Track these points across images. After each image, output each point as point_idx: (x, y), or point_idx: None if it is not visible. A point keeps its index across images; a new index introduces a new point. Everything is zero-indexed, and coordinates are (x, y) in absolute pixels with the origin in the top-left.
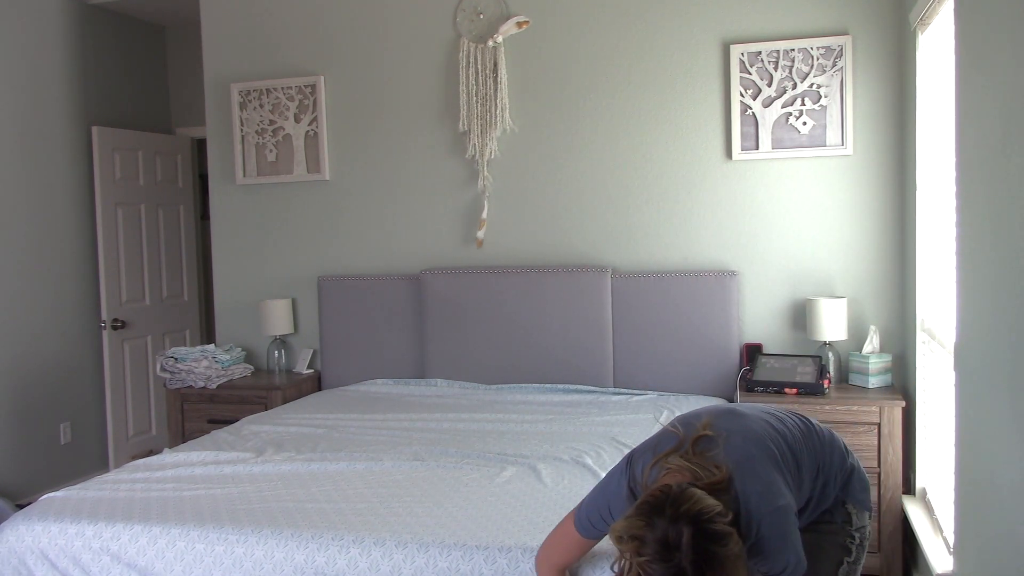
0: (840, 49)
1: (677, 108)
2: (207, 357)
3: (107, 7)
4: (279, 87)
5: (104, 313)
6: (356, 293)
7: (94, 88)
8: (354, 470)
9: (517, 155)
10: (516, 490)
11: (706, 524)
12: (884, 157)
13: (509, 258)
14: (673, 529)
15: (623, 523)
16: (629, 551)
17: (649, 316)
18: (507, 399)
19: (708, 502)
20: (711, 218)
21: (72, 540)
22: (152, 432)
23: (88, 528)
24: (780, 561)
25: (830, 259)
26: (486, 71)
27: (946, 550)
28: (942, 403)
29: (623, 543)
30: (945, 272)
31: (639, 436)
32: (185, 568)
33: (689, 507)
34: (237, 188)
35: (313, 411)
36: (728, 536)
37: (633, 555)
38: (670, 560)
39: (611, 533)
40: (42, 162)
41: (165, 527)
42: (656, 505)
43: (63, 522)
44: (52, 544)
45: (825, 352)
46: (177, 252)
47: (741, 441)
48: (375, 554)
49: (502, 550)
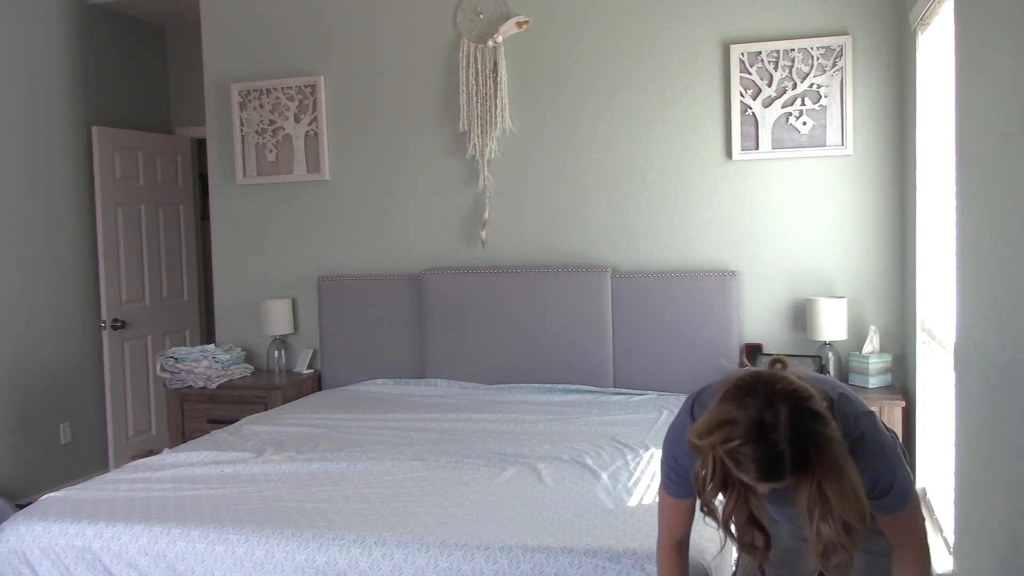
0: (840, 49)
1: (677, 108)
2: (207, 357)
3: (107, 7)
4: (279, 87)
5: (104, 313)
6: (356, 293)
7: (94, 88)
8: (354, 470)
9: (517, 155)
10: (516, 490)
11: (804, 402)
12: (884, 157)
13: (509, 258)
14: (769, 409)
15: (706, 416)
16: (716, 442)
17: (649, 316)
18: (507, 399)
19: (803, 384)
20: (711, 218)
21: (72, 540)
22: (152, 432)
23: (88, 528)
24: (886, 468)
25: (830, 259)
26: (486, 71)
27: (946, 550)
28: (942, 403)
29: (707, 437)
30: (945, 272)
31: (639, 436)
32: (186, 568)
33: (784, 386)
34: (237, 188)
35: (313, 411)
36: (828, 419)
37: (720, 444)
38: (766, 441)
39: (690, 435)
40: (42, 162)
41: (165, 527)
42: (746, 388)
43: (63, 522)
44: (52, 544)
45: (825, 352)
46: (177, 252)
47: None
48: (376, 554)
49: (503, 550)
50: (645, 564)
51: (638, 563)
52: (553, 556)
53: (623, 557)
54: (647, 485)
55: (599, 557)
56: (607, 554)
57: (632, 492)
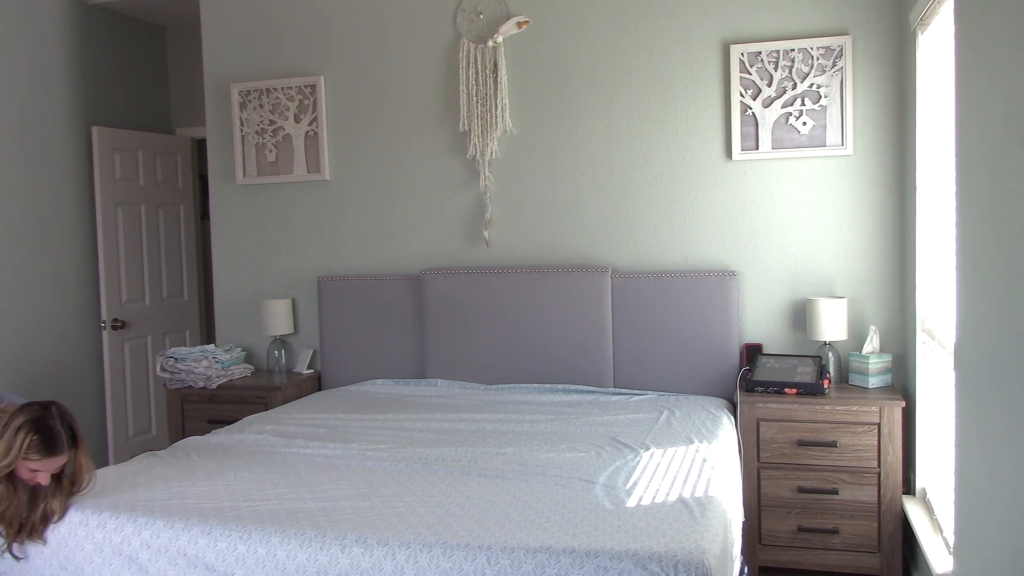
0: (840, 49)
1: (677, 108)
2: (207, 357)
3: (107, 7)
4: (279, 87)
5: (104, 313)
6: (356, 293)
7: (94, 88)
8: (355, 470)
9: (517, 155)
10: (517, 490)
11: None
12: (884, 157)
13: (509, 258)
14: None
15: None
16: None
17: (649, 316)
18: (507, 399)
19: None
20: (711, 218)
21: (75, 531)
22: (152, 432)
23: (92, 518)
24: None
25: (830, 259)
26: (486, 71)
27: (946, 550)
28: (942, 403)
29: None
30: (945, 272)
31: (639, 436)
32: (188, 564)
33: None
34: (237, 188)
35: (313, 411)
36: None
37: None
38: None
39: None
40: (42, 162)
41: (168, 522)
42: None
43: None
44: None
45: (825, 352)
46: (177, 252)
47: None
48: (378, 553)
49: (505, 550)
50: (647, 564)
51: (639, 563)
52: (555, 557)
53: (624, 557)
54: (647, 485)
55: (601, 557)
56: (609, 554)
57: (632, 493)
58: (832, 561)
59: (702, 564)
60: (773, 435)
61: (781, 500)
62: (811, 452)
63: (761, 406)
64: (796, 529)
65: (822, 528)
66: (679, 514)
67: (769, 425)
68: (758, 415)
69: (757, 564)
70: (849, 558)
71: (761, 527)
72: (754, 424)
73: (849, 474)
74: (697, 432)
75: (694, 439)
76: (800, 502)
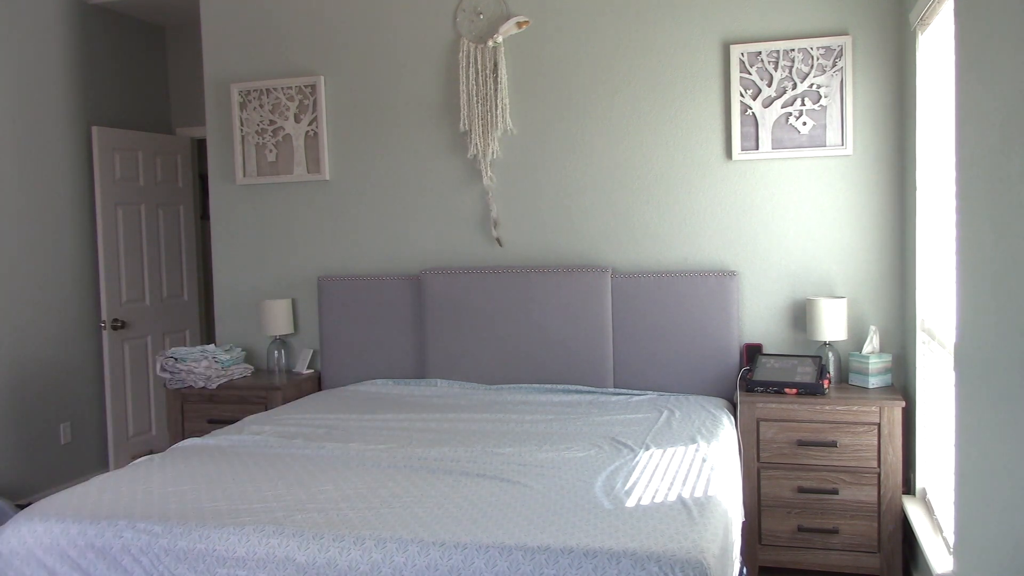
0: (840, 49)
1: (677, 108)
2: (207, 357)
3: (107, 7)
4: (279, 87)
5: (104, 313)
6: (356, 293)
7: (94, 88)
8: (354, 469)
9: (517, 155)
10: (516, 491)
11: None
12: (884, 157)
13: (509, 258)
14: None
15: None
16: None
17: (649, 316)
18: (507, 399)
19: None
20: (711, 218)
21: (74, 540)
22: (152, 432)
23: (90, 528)
24: None
25: (830, 259)
26: (486, 71)
27: (946, 550)
28: (942, 403)
29: None
30: (945, 272)
31: (639, 436)
32: (188, 566)
33: None
34: (237, 188)
35: (313, 411)
36: None
37: None
38: None
39: None
40: (42, 162)
41: (167, 526)
42: None
43: (65, 522)
44: (54, 544)
45: (825, 352)
46: (177, 252)
47: None
48: (376, 555)
49: (503, 551)
50: (645, 564)
51: (638, 563)
52: (553, 557)
53: (623, 557)
54: (646, 485)
55: (599, 558)
56: (607, 554)
57: (631, 493)
58: (832, 561)
59: (701, 564)
60: (773, 435)
61: (781, 500)
62: (811, 452)
63: (761, 406)
64: (796, 529)
65: (822, 528)
66: (678, 514)
67: (769, 425)
68: (758, 415)
69: (757, 564)
70: (849, 558)
71: (761, 527)
72: (754, 424)
73: (849, 474)
74: (697, 432)
75: (694, 439)
76: (800, 502)
